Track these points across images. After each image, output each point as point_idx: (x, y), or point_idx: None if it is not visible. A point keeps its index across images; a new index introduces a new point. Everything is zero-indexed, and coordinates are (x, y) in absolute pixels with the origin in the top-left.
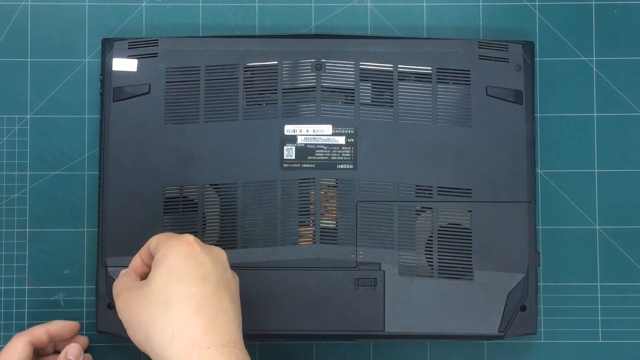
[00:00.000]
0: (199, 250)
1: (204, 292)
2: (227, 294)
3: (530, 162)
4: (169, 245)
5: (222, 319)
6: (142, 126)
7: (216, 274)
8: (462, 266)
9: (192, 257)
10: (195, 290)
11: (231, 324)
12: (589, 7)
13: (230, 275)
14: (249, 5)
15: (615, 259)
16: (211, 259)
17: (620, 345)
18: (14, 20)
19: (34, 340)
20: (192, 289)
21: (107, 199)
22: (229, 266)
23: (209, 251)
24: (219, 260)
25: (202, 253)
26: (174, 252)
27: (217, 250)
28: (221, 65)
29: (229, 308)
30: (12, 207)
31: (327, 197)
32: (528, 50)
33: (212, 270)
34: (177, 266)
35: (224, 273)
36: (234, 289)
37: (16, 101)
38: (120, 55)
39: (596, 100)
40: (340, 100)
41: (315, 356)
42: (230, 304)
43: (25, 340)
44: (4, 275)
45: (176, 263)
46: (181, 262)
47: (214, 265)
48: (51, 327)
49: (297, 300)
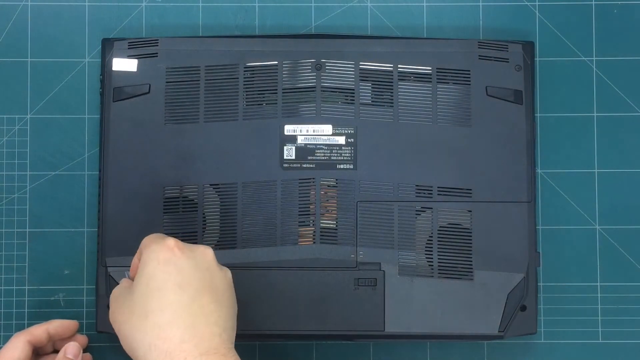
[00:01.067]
0: (179, 255)
1: (181, 299)
2: (210, 297)
3: (530, 162)
4: (149, 251)
5: (202, 324)
6: (142, 126)
7: (197, 277)
8: (462, 266)
9: (172, 263)
10: (173, 298)
11: (213, 328)
12: (589, 7)
13: (217, 274)
14: (249, 5)
15: (615, 259)
16: (192, 263)
17: (620, 345)
18: (14, 20)
19: (33, 339)
20: (169, 297)
21: (107, 199)
22: (215, 264)
23: (191, 253)
24: (203, 262)
25: (182, 258)
26: (154, 260)
27: (201, 250)
28: (221, 65)
29: (212, 311)
30: (12, 207)
31: (327, 197)
32: (528, 50)
33: (193, 274)
34: (155, 274)
35: (207, 274)
36: (222, 289)
37: (16, 101)
38: (120, 55)
39: (596, 100)
40: (340, 100)
41: (315, 356)
42: (215, 305)
43: (24, 339)
44: (4, 275)
45: (155, 270)
46: (159, 269)
47: (196, 269)
48: (50, 327)
49: (297, 300)
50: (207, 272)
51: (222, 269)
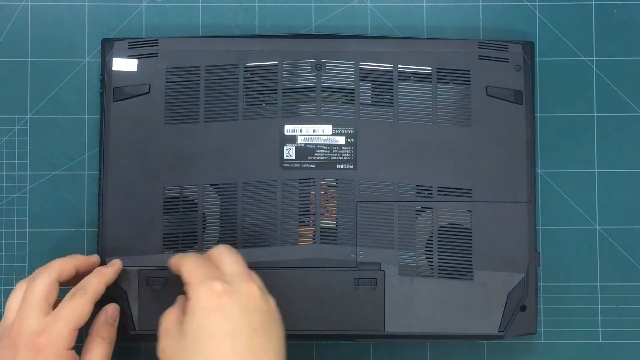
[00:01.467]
0: (227, 302)
1: (234, 350)
2: (261, 338)
3: (530, 162)
4: (197, 295)
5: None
6: (142, 126)
7: (247, 322)
8: (462, 266)
9: (220, 310)
10: (225, 350)
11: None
12: (589, 7)
13: (264, 312)
14: (249, 5)
15: (615, 259)
16: (240, 308)
17: (620, 345)
18: (14, 20)
19: (62, 277)
20: (222, 349)
21: (107, 199)
22: (262, 302)
23: (238, 297)
24: (250, 303)
25: (230, 303)
26: (202, 308)
27: (246, 290)
28: (221, 65)
29: (265, 352)
30: (12, 207)
31: (327, 197)
32: (528, 50)
33: (242, 319)
34: (205, 324)
35: (257, 316)
36: (271, 325)
37: (16, 101)
38: (120, 55)
39: (596, 100)
40: (340, 100)
41: (315, 356)
42: (266, 345)
43: (53, 278)
44: (4, 275)
45: (205, 320)
46: (209, 319)
47: (245, 313)
48: (78, 262)
49: (297, 300)
50: (256, 313)
51: (267, 302)
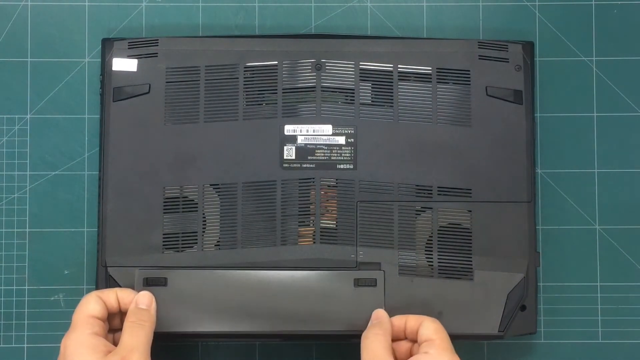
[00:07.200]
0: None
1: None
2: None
3: (530, 162)
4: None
5: None
6: (142, 126)
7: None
8: (462, 266)
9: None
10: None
11: None
12: (589, 7)
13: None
14: (249, 5)
15: (615, 259)
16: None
17: (620, 345)
18: (14, 20)
19: (103, 297)
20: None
21: (107, 199)
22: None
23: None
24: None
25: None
26: None
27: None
28: (221, 65)
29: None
30: (12, 207)
31: (327, 197)
32: (528, 50)
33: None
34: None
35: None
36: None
37: (16, 101)
38: (120, 55)
39: (596, 100)
40: (340, 100)
41: (315, 356)
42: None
43: (95, 295)
44: (4, 275)
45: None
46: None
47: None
48: (118, 290)
49: (297, 300)
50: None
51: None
